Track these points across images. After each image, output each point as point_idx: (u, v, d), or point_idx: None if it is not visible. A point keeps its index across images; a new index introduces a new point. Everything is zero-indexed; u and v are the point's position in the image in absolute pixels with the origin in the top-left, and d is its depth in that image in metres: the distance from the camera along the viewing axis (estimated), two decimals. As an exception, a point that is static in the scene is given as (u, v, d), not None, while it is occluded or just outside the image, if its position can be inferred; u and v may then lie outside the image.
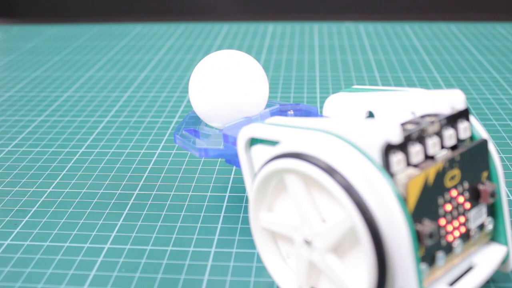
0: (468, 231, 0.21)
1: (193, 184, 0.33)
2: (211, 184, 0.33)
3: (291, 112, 0.29)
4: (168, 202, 0.31)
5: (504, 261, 0.22)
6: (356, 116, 0.25)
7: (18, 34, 0.69)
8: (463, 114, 0.21)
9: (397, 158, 0.19)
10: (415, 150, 0.19)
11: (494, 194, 0.21)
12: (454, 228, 0.20)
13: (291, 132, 0.21)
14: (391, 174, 0.19)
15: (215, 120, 0.29)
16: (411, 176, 0.19)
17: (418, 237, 0.19)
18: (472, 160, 0.21)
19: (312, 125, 0.21)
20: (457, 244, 0.20)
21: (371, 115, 0.24)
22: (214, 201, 0.31)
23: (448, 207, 0.20)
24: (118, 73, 0.53)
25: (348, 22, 0.71)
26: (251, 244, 0.27)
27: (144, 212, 0.30)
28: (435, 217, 0.20)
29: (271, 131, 0.22)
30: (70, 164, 0.35)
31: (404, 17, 0.72)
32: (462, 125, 0.21)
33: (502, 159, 0.35)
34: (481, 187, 0.21)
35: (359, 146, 0.19)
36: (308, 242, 0.21)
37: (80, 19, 0.76)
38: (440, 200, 0.20)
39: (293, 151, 0.20)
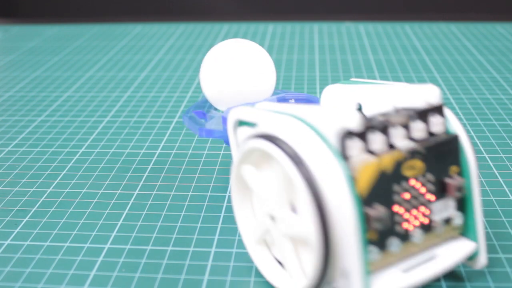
0: (431, 222, 0.21)
1: (193, 184, 0.33)
2: (211, 184, 0.33)
3: (292, 100, 0.30)
4: (168, 202, 0.31)
5: (473, 257, 0.23)
6: (346, 106, 0.25)
7: (18, 34, 0.69)
8: (437, 109, 0.21)
9: (353, 144, 0.19)
10: (375, 138, 0.20)
11: (461, 189, 0.21)
12: (414, 217, 0.21)
13: (266, 116, 0.22)
14: (346, 158, 0.19)
15: (223, 105, 0.30)
16: (364, 160, 0.19)
17: (366, 220, 0.19)
18: (439, 154, 0.21)
19: (287, 110, 0.22)
20: (416, 233, 0.21)
21: (360, 107, 0.25)
22: (214, 201, 0.31)
23: (406, 195, 0.20)
24: (118, 73, 0.53)
25: (348, 22, 0.71)
26: (251, 244, 0.27)
27: (144, 212, 0.30)
28: (389, 203, 0.20)
29: (252, 114, 0.23)
30: (70, 164, 0.35)
31: (404, 17, 0.72)
32: (435, 120, 0.21)
33: (502, 159, 0.35)
34: (448, 180, 0.21)
35: (321, 131, 0.20)
36: (272, 218, 0.22)
37: (80, 19, 0.76)
38: (396, 188, 0.20)
39: (261, 133, 0.22)
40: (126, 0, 0.96)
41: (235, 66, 0.30)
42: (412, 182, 0.21)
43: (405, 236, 0.21)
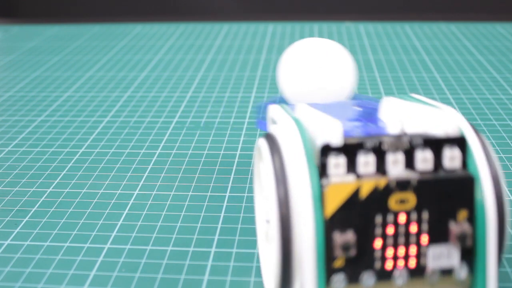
0: (421, 267, 0.19)
1: (193, 184, 0.33)
2: (211, 184, 0.33)
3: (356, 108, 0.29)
4: (168, 202, 0.31)
5: None
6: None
7: (18, 34, 0.69)
8: (456, 142, 0.19)
9: (335, 161, 0.18)
10: (362, 159, 0.18)
11: (465, 238, 0.18)
12: (397, 256, 0.18)
13: (281, 116, 0.21)
14: (326, 175, 0.18)
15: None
16: (336, 181, 0.18)
17: (330, 244, 0.18)
18: (445, 193, 0.18)
19: (303, 114, 0.21)
20: (399, 274, 0.18)
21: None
22: (214, 201, 0.31)
23: (391, 230, 0.18)
24: (118, 73, 0.53)
25: (348, 22, 0.71)
26: (251, 244, 0.27)
27: (144, 212, 0.30)
28: (368, 234, 0.18)
29: (275, 112, 0.22)
30: (70, 164, 0.35)
31: (404, 17, 0.72)
32: (449, 153, 0.18)
33: (502, 159, 0.35)
34: (451, 225, 0.18)
35: (311, 142, 0.19)
36: (267, 221, 0.22)
37: (80, 19, 0.76)
38: (379, 219, 0.18)
39: (268, 132, 0.21)
40: (126, 0, 0.96)
41: (318, 64, 0.29)
42: (402, 217, 0.18)
43: (384, 274, 0.18)
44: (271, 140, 0.20)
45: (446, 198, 0.18)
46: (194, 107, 0.44)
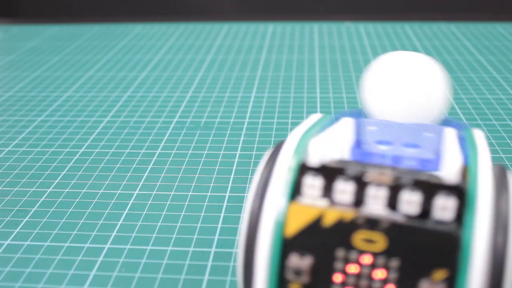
0: None
1: (193, 184, 0.33)
2: (211, 184, 0.33)
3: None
4: (168, 202, 0.31)
5: None
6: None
7: (18, 34, 0.69)
8: (451, 190, 0.16)
9: (310, 181, 0.17)
10: (341, 187, 0.17)
11: None
12: None
13: (302, 125, 0.20)
14: (300, 194, 0.17)
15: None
16: (299, 203, 0.17)
17: (284, 265, 0.17)
18: (418, 244, 0.16)
19: (333, 129, 0.20)
20: None
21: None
22: (214, 201, 0.31)
23: (352, 269, 0.16)
24: (118, 73, 0.53)
25: (348, 22, 0.71)
26: (251, 244, 0.27)
27: (144, 212, 0.30)
28: (325, 264, 0.17)
29: (311, 120, 0.21)
30: (70, 164, 0.35)
31: (404, 17, 0.72)
32: (441, 202, 0.16)
33: (502, 159, 0.35)
34: (423, 284, 0.16)
35: (300, 158, 0.18)
36: None
37: (80, 19, 0.76)
38: (340, 253, 0.16)
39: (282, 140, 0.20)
40: (126, 0, 0.96)
41: (406, 81, 0.25)
42: (367, 258, 0.16)
43: None
44: (275, 150, 0.19)
45: (422, 251, 0.16)
46: (194, 107, 0.44)
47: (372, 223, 0.16)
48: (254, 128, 0.40)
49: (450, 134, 0.20)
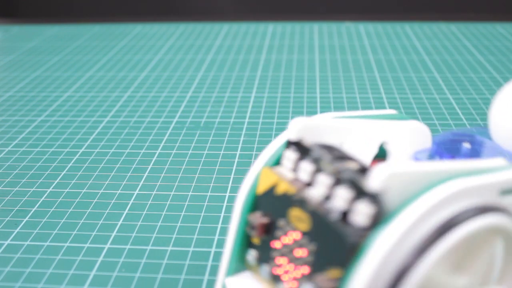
0: None
1: (193, 184, 0.33)
2: (211, 184, 0.33)
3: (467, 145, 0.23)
4: (168, 202, 0.31)
5: None
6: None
7: (18, 34, 0.69)
8: (367, 196, 0.16)
9: (288, 154, 0.19)
10: (303, 166, 0.18)
11: None
12: (285, 269, 0.18)
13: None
14: (280, 164, 0.19)
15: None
16: (270, 168, 0.19)
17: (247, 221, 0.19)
18: (326, 237, 0.16)
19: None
20: (281, 286, 0.18)
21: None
22: (214, 201, 0.31)
23: (285, 240, 0.18)
24: (118, 73, 0.53)
25: (348, 22, 0.71)
26: (251, 244, 0.27)
27: (144, 212, 0.30)
28: (272, 228, 0.18)
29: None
30: (70, 164, 0.35)
31: (404, 17, 0.72)
32: (358, 206, 0.16)
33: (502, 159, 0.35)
34: (319, 276, 0.16)
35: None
36: None
37: (80, 19, 0.76)
38: (281, 224, 0.18)
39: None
40: (126, 0, 0.96)
41: None
42: (296, 234, 0.17)
43: (273, 276, 0.18)
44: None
45: (327, 244, 0.16)
46: (194, 107, 0.44)
47: (302, 203, 0.17)
48: (254, 128, 0.40)
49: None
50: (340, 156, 0.18)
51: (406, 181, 0.16)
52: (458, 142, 0.23)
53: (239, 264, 0.19)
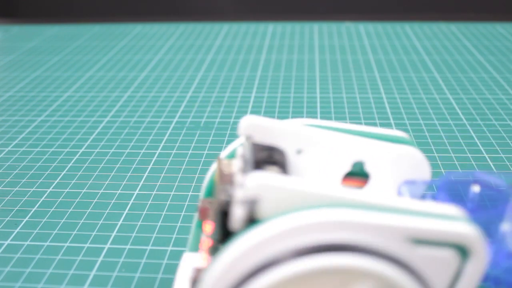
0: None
1: (193, 184, 0.33)
2: (211, 184, 0.33)
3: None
4: (168, 202, 0.31)
5: None
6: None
7: (18, 34, 0.69)
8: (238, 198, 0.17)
9: (239, 149, 0.21)
10: (235, 162, 0.20)
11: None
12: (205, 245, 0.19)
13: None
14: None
15: None
16: (222, 159, 0.21)
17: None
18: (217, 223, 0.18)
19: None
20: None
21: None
22: (214, 201, 0.31)
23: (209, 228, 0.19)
24: (118, 73, 0.53)
25: (348, 22, 0.71)
26: (251, 244, 0.27)
27: (144, 212, 0.30)
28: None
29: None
30: (70, 164, 0.35)
31: (404, 17, 0.72)
32: (233, 208, 0.17)
33: (502, 159, 0.35)
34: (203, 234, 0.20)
35: None
36: None
37: (80, 19, 0.76)
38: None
39: None
40: (126, 0, 0.96)
41: None
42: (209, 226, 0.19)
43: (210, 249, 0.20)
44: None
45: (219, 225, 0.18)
46: (194, 107, 0.44)
47: (220, 192, 0.18)
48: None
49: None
50: (264, 160, 0.19)
51: (281, 194, 0.16)
52: (465, 184, 0.20)
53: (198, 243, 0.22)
